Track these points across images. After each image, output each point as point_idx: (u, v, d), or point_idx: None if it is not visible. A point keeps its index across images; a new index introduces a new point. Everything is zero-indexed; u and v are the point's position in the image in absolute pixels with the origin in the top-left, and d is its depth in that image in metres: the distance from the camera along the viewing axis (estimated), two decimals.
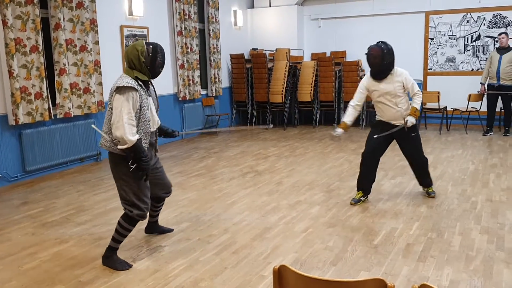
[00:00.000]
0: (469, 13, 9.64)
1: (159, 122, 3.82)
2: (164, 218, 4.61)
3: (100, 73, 7.12)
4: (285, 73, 9.93)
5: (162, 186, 3.89)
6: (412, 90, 4.72)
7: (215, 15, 9.80)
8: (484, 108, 8.99)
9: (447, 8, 9.76)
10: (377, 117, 4.98)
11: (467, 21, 9.68)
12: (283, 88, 9.91)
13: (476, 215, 4.51)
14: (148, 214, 3.65)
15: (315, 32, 11.17)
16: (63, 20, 6.51)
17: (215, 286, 3.24)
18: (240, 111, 11.02)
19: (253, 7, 11.39)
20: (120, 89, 3.34)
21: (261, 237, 4.09)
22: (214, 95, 9.93)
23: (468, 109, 8.97)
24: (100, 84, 7.14)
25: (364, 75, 10.17)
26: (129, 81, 3.36)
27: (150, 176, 3.61)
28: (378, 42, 4.70)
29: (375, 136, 4.82)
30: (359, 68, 9.83)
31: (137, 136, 3.33)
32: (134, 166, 3.38)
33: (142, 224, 4.44)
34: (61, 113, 6.59)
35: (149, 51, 3.46)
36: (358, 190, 5.03)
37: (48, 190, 5.75)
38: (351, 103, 4.96)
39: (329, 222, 4.43)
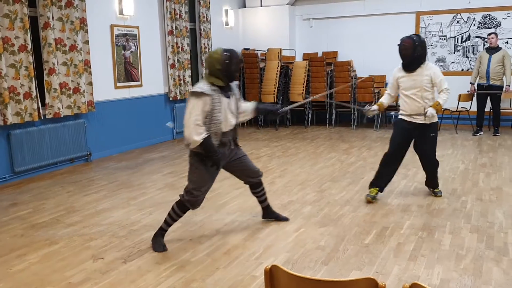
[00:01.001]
0: (459, 14, 9.70)
1: (235, 122, 3.96)
2: (155, 218, 4.59)
3: (90, 73, 7.07)
4: (277, 73, 9.93)
5: (248, 173, 4.17)
6: (440, 86, 4.72)
7: (206, 14, 9.78)
8: (474, 108, 9.05)
9: (437, 8, 9.82)
10: (399, 114, 4.98)
11: (457, 22, 9.74)
12: (275, 88, 9.91)
13: (466, 214, 4.53)
14: (198, 204, 3.93)
15: (306, 32, 11.19)
16: (52, 19, 6.45)
17: (206, 286, 3.22)
18: None
19: (244, 6, 11.38)
20: (193, 94, 3.68)
21: (253, 237, 4.09)
22: None
23: (458, 109, 9.03)
24: (90, 84, 7.09)
25: (356, 75, 10.26)
26: (202, 87, 3.68)
27: (233, 167, 4.07)
28: (411, 35, 4.78)
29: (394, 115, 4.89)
30: (351, 69, 9.86)
31: (203, 136, 3.65)
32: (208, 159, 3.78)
33: (134, 225, 4.41)
34: (50, 113, 6.53)
35: (224, 58, 3.70)
36: (373, 187, 5.03)
37: (37, 191, 5.70)
38: (387, 91, 5.07)
39: (321, 221, 4.43)
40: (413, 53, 4.63)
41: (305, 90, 9.99)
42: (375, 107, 5.01)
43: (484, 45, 9.51)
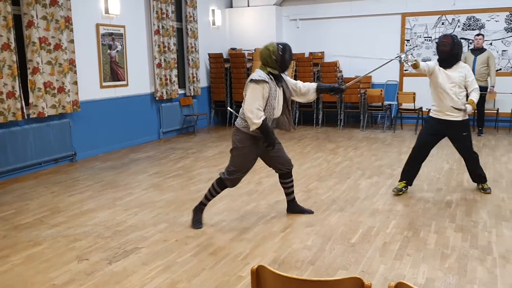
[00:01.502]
0: (444, 16, 9.80)
1: (279, 114, 4.25)
2: (141, 219, 4.56)
3: (75, 72, 7.00)
4: None
5: (281, 161, 4.43)
6: (471, 85, 4.89)
7: (193, 14, 9.75)
8: None
9: (422, 10, 9.90)
10: (431, 113, 5.14)
11: (442, 23, 9.84)
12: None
13: (451, 214, 4.57)
14: (236, 184, 4.34)
15: (293, 32, 11.20)
16: (36, 18, 6.38)
17: (192, 287, 3.20)
18: (219, 111, 10.98)
19: (231, 6, 11.37)
20: (253, 81, 4.02)
21: (239, 237, 4.08)
22: (192, 94, 9.88)
23: None
24: (75, 83, 7.02)
25: (342, 76, 10.31)
26: (261, 75, 4.04)
27: (269, 153, 4.33)
28: (450, 33, 4.96)
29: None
30: (337, 69, 9.89)
31: (262, 118, 3.98)
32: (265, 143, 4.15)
33: (120, 225, 4.38)
34: (34, 113, 6.45)
35: (279, 50, 4.08)
36: (401, 180, 5.25)
37: (21, 191, 5.63)
38: (426, 63, 5.03)
39: (307, 221, 4.44)
40: (451, 50, 4.81)
41: None
42: (411, 58, 4.86)
43: (468, 46, 9.62)
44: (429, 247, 3.79)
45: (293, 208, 4.67)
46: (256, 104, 3.98)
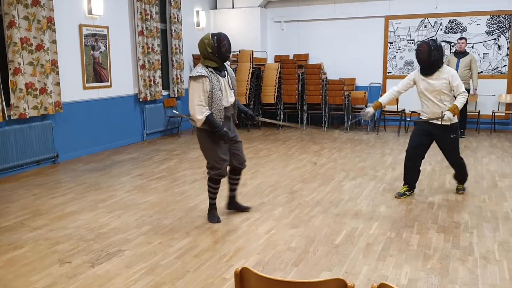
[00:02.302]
0: (426, 19, 9.92)
1: (234, 98, 4.39)
2: (124, 221, 4.53)
3: (57, 73, 6.92)
4: (248, 75, 9.93)
5: (237, 158, 4.50)
6: (457, 89, 4.84)
7: (177, 15, 9.71)
8: None
9: (405, 13, 10.01)
10: (421, 115, 5.13)
11: (425, 26, 9.95)
12: (246, 89, 9.92)
13: (433, 215, 4.63)
14: (225, 174, 4.39)
15: (278, 34, 11.23)
16: (18, 18, 6.29)
17: None
18: None
19: (216, 8, 11.35)
20: (192, 78, 4.11)
21: (223, 239, 4.07)
22: (176, 96, 9.83)
23: None
24: (58, 84, 6.93)
25: (326, 77, 10.37)
26: (199, 70, 4.11)
27: (230, 146, 4.38)
28: (428, 39, 4.92)
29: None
30: (321, 71, 9.94)
31: (206, 114, 4.08)
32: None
33: (103, 228, 4.34)
34: (15, 114, 6.36)
35: (215, 42, 4.13)
36: (404, 184, 5.25)
37: (1, 194, 5.54)
38: (395, 88, 5.17)
39: (291, 223, 4.45)
40: (429, 57, 4.77)
41: (276, 91, 10.03)
42: (368, 110, 5.13)
43: (450, 49, 9.74)
44: (411, 248, 3.82)
45: (233, 205, 4.77)
46: (196, 100, 4.08)
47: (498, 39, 9.45)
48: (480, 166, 6.61)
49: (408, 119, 9.56)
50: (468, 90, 8.77)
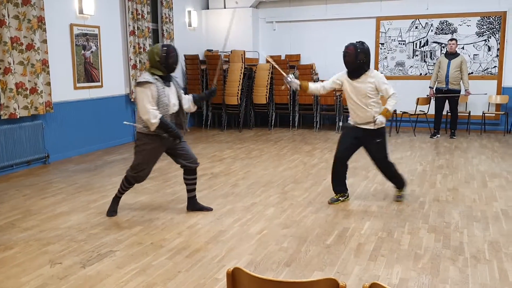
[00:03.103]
0: (417, 20, 9.98)
1: (178, 107, 4.48)
2: (116, 222, 4.51)
3: (48, 73, 6.88)
4: (240, 75, 9.93)
5: (185, 157, 4.58)
6: (386, 92, 4.69)
7: (169, 15, 9.69)
8: (431, 111, 9.32)
9: (396, 14, 10.07)
10: (349, 120, 4.98)
11: (416, 27, 10.02)
12: (238, 90, 9.92)
13: (424, 215, 4.65)
14: (141, 180, 4.59)
15: (270, 35, 11.25)
16: (8, 17, 6.24)
17: None
18: (195, 112, 10.91)
19: (207, 8, 11.34)
20: (138, 84, 4.24)
21: (215, 240, 4.06)
22: None
23: (416, 112, 9.28)
24: (48, 84, 6.89)
25: (318, 78, 10.40)
26: (145, 77, 4.24)
27: (173, 149, 4.52)
28: (356, 41, 4.72)
29: (343, 125, 4.88)
30: (313, 72, 9.97)
31: (159, 117, 4.19)
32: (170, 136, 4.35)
33: (94, 228, 4.32)
34: (5, 114, 6.32)
35: (163, 52, 4.26)
36: (334, 192, 5.11)
37: None
38: (323, 83, 5.02)
39: (283, 223, 4.45)
40: (355, 60, 4.62)
41: (268, 92, 10.03)
42: (295, 80, 4.91)
43: (441, 50, 9.81)
44: (402, 248, 3.85)
45: (193, 205, 4.80)
46: (148, 105, 4.17)
47: (488, 40, 9.53)
48: (471, 167, 6.66)
49: (399, 119, 9.63)
50: (458, 91, 8.87)
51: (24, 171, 6.60)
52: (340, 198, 5.07)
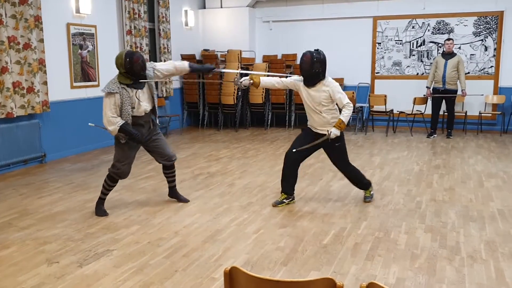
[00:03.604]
0: (414, 19, 10.00)
1: (152, 106, 4.69)
2: (112, 221, 4.51)
3: (45, 72, 6.86)
4: (236, 75, 9.91)
5: (160, 155, 4.80)
6: (340, 102, 4.63)
7: (166, 14, 9.68)
8: (428, 111, 9.34)
9: (393, 14, 10.08)
10: (308, 124, 4.95)
11: (413, 27, 10.04)
12: (234, 89, 9.91)
13: (420, 215, 4.67)
14: (123, 176, 4.70)
15: (266, 34, 11.25)
16: (5, 16, 6.23)
17: None
18: (192, 112, 10.93)
19: (204, 7, 11.33)
20: (105, 94, 4.42)
21: (212, 239, 4.07)
22: (164, 96, 9.80)
23: (413, 112, 9.30)
24: (45, 83, 6.88)
25: None
26: (111, 86, 4.41)
27: (148, 146, 4.75)
28: (314, 49, 4.69)
29: (294, 150, 4.83)
30: None
31: (118, 124, 4.37)
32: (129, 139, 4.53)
33: (91, 228, 4.32)
34: (2, 113, 6.30)
35: (127, 63, 4.35)
36: (281, 192, 5.03)
37: None
38: (281, 79, 4.95)
39: (280, 222, 4.46)
40: (310, 68, 4.60)
41: (264, 92, 10.04)
42: (246, 81, 4.85)
43: (438, 50, 9.83)
44: (399, 248, 3.86)
45: (173, 194, 5.11)
46: (108, 114, 4.38)
47: (485, 40, 9.56)
48: (467, 167, 6.69)
49: (396, 119, 9.65)
50: (455, 91, 8.90)
51: (20, 170, 6.58)
52: (285, 200, 4.98)
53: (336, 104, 4.71)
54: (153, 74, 4.63)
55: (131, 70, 4.37)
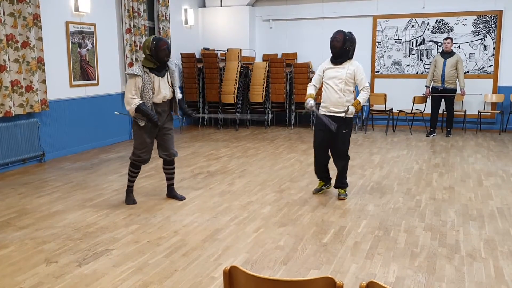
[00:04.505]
0: (414, 18, 9.99)
1: (171, 95, 4.87)
2: (112, 220, 4.50)
3: (43, 71, 6.85)
4: (236, 74, 9.92)
5: (163, 148, 4.95)
6: (361, 83, 4.89)
7: (165, 13, 9.67)
8: (427, 110, 9.34)
9: (393, 13, 10.07)
10: (320, 109, 5.08)
11: (412, 26, 10.03)
12: (235, 88, 9.90)
13: (420, 213, 4.66)
14: (144, 162, 4.92)
15: (266, 33, 11.24)
16: (3, 14, 6.21)
17: None
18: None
19: (204, 6, 11.32)
20: (128, 75, 4.71)
21: (212, 238, 4.06)
22: None
23: (413, 111, 9.30)
24: (44, 82, 6.86)
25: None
26: (134, 69, 4.62)
27: (158, 135, 4.90)
28: (346, 31, 4.97)
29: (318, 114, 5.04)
30: (310, 70, 9.97)
31: (135, 103, 4.58)
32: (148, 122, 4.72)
33: (90, 227, 4.32)
34: (1, 112, 6.28)
35: (153, 46, 4.57)
36: (318, 179, 5.36)
37: None
38: (312, 82, 5.20)
39: (280, 221, 4.45)
40: (342, 45, 4.86)
41: (265, 90, 10.03)
42: (312, 101, 5.02)
43: (437, 49, 9.83)
44: (399, 246, 3.85)
45: (169, 193, 5.19)
46: (128, 95, 4.59)
47: (484, 39, 9.55)
48: (466, 165, 6.68)
49: (396, 118, 9.65)
50: (454, 90, 8.89)
51: (19, 170, 6.57)
52: (323, 187, 5.32)
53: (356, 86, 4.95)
54: (175, 68, 4.91)
55: (156, 54, 4.56)
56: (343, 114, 4.87)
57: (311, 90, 5.14)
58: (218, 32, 11.17)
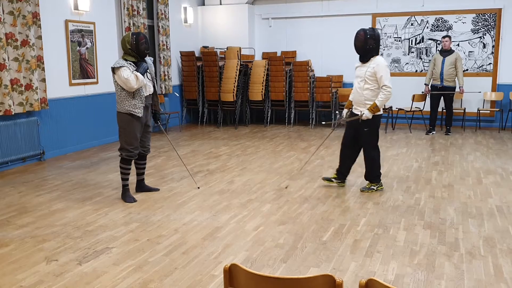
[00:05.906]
0: (413, 16, 9.99)
1: (152, 89, 5.02)
2: (112, 218, 4.50)
3: (43, 69, 6.84)
4: (236, 72, 9.92)
5: (142, 143, 5.05)
6: (380, 81, 4.91)
7: (165, 11, 9.66)
8: (427, 108, 9.35)
9: (392, 11, 10.07)
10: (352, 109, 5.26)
11: (412, 24, 10.03)
12: (234, 86, 9.91)
13: (419, 211, 4.67)
14: (135, 155, 4.95)
15: (266, 31, 11.23)
16: (3, 13, 6.21)
17: (164, 287, 3.18)
18: (191, 109, 10.92)
19: (203, 4, 11.31)
20: (115, 69, 4.71)
21: (212, 236, 4.07)
22: (164, 93, 9.79)
23: (412, 109, 9.30)
24: (43, 80, 6.86)
25: (314, 75, 10.40)
26: (119, 62, 4.75)
27: (143, 132, 4.98)
28: (368, 27, 5.01)
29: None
30: (309, 68, 9.97)
31: (134, 73, 4.67)
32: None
33: (90, 225, 4.32)
34: (0, 111, 6.28)
35: (133, 40, 4.73)
36: (336, 170, 5.48)
37: None
38: (354, 86, 5.28)
39: (279, 219, 4.46)
40: (364, 45, 4.88)
41: (264, 89, 10.03)
42: (344, 111, 5.28)
43: (437, 47, 9.83)
44: (398, 244, 3.86)
45: (141, 187, 5.31)
46: (124, 75, 4.63)
47: (484, 37, 9.56)
48: (466, 163, 6.69)
49: (395, 116, 9.65)
50: (453, 88, 8.90)
51: (19, 168, 6.57)
52: (333, 179, 5.44)
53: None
54: (151, 63, 5.05)
55: (137, 48, 4.72)
56: (359, 118, 5.00)
57: (350, 95, 5.28)
58: (218, 31, 11.16)
